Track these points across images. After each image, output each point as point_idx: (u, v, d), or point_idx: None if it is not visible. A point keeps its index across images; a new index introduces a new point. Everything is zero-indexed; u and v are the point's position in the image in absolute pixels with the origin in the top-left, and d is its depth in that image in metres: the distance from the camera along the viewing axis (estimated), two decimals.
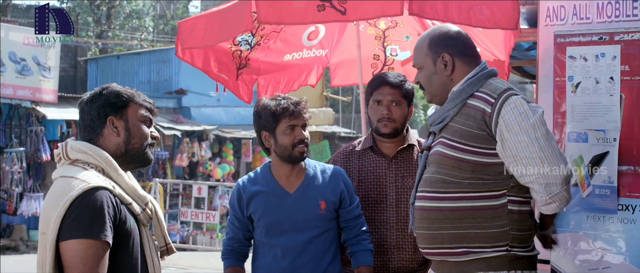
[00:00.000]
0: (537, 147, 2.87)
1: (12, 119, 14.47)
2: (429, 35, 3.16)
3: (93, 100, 2.66)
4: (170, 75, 18.77)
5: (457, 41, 3.10)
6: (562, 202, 2.96)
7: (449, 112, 3.02)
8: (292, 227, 3.55)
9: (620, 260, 3.44)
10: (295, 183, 3.60)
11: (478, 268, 2.96)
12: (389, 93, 3.76)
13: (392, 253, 3.74)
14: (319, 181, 3.61)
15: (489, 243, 2.95)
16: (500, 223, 2.94)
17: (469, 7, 3.97)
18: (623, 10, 3.53)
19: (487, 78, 3.04)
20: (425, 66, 3.13)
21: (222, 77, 4.91)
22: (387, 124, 3.75)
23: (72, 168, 2.57)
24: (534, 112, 2.91)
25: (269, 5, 3.99)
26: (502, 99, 2.92)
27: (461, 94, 3.02)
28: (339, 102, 24.82)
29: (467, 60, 3.08)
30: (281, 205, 3.57)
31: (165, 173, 16.31)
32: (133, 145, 2.67)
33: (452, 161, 2.97)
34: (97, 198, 2.46)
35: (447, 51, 3.08)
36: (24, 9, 25.96)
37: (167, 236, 2.84)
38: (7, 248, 13.59)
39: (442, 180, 2.99)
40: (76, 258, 2.40)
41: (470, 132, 2.95)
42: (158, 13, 30.37)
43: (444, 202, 2.98)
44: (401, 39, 5.19)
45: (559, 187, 2.91)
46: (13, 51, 13.87)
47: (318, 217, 3.57)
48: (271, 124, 3.54)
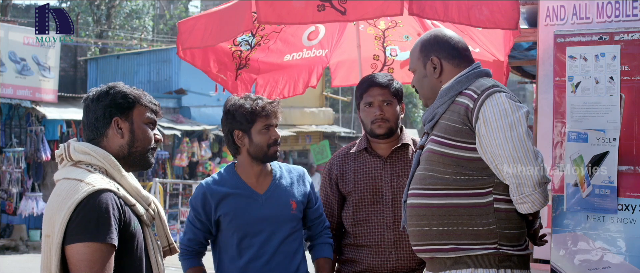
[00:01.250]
0: (510, 146, 2.89)
1: (12, 119, 14.47)
2: (421, 39, 3.23)
3: (99, 98, 2.64)
4: (170, 75, 18.78)
5: (446, 44, 3.15)
6: (535, 204, 2.95)
7: (438, 109, 3.07)
8: (264, 228, 3.54)
9: (620, 260, 3.44)
10: (265, 184, 3.59)
11: (467, 265, 2.97)
12: (379, 93, 3.77)
13: (389, 253, 3.75)
14: (287, 181, 3.64)
15: (476, 240, 2.96)
16: (486, 222, 2.96)
17: (468, 7, 3.97)
18: (623, 10, 3.54)
19: (478, 77, 3.07)
20: (417, 69, 3.20)
21: (221, 77, 4.90)
22: (381, 125, 3.76)
23: (75, 170, 2.55)
24: (515, 111, 2.92)
25: (268, 6, 3.99)
26: (485, 94, 2.95)
27: (450, 91, 3.06)
28: (339, 102, 24.84)
29: (456, 62, 3.12)
30: (252, 206, 3.54)
31: (165, 173, 16.31)
32: (136, 149, 2.65)
33: (438, 156, 3.00)
34: (102, 201, 2.45)
35: (436, 54, 3.13)
36: (24, 9, 25.96)
37: (170, 236, 2.83)
38: (7, 248, 13.59)
39: (430, 176, 3.03)
40: (83, 262, 2.40)
41: (454, 127, 2.98)
42: (158, 13, 30.37)
43: (432, 198, 3.01)
44: (401, 39, 5.19)
45: (530, 188, 2.91)
46: (13, 51, 13.87)
47: (290, 217, 3.58)
48: (246, 124, 3.52)
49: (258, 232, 3.53)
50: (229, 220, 3.53)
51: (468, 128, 2.96)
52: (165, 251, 2.84)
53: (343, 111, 26.75)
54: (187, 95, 18.05)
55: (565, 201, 3.57)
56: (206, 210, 3.54)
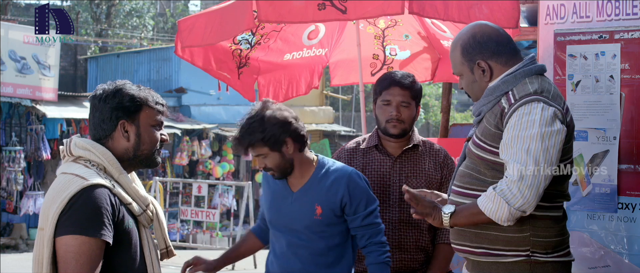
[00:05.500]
0: (522, 158, 2.71)
1: (12, 118, 14.45)
2: (459, 42, 2.99)
3: (106, 99, 2.62)
4: (170, 74, 18.76)
5: (490, 43, 2.94)
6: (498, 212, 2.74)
7: (483, 108, 2.93)
8: (288, 227, 3.52)
9: (620, 258, 3.44)
10: (301, 183, 3.52)
11: (498, 271, 2.88)
12: (399, 94, 3.68)
13: (393, 253, 3.70)
14: (323, 184, 3.48)
15: (507, 247, 2.85)
16: (520, 228, 2.82)
17: (469, 6, 3.98)
18: (623, 8, 3.54)
19: (526, 76, 2.88)
20: (464, 74, 3.00)
21: (224, 75, 4.90)
22: (396, 125, 3.69)
23: (73, 166, 2.57)
24: (544, 125, 2.72)
25: (269, 4, 3.99)
26: (522, 101, 2.79)
27: (495, 91, 2.90)
28: (339, 101, 24.82)
29: (504, 59, 2.92)
30: (283, 204, 3.53)
31: (166, 172, 16.32)
32: (142, 152, 2.65)
33: (475, 158, 2.92)
34: (95, 196, 2.45)
35: (481, 57, 2.93)
36: (24, 8, 25.95)
37: (168, 239, 2.81)
38: (7, 246, 13.59)
39: (469, 175, 2.94)
40: (69, 254, 2.40)
41: (490, 130, 2.87)
42: (158, 11, 30.36)
43: (469, 198, 2.92)
44: (400, 38, 5.18)
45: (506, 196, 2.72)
46: (13, 50, 13.85)
47: (314, 222, 3.46)
48: None
49: (284, 229, 3.53)
50: (264, 211, 3.64)
51: (501, 133, 2.82)
52: (163, 253, 2.82)
53: (343, 110, 26.74)
54: (187, 93, 18.03)
55: None
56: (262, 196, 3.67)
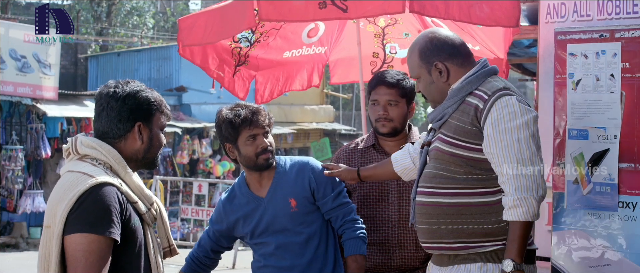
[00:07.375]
0: (516, 148, 2.88)
1: (12, 116, 14.45)
2: (417, 46, 3.12)
3: (126, 100, 2.63)
4: (170, 73, 18.77)
5: (446, 46, 3.08)
6: (529, 210, 2.87)
7: (448, 109, 3.04)
8: (268, 229, 3.56)
9: (620, 257, 3.44)
10: (266, 187, 3.58)
11: (476, 260, 2.98)
12: (385, 93, 3.71)
13: (394, 251, 3.73)
14: (288, 179, 3.57)
15: (486, 238, 2.97)
16: (496, 220, 2.96)
17: (469, 5, 3.98)
18: (623, 7, 3.54)
19: (487, 76, 3.04)
20: (421, 76, 3.13)
21: (218, 74, 4.91)
22: (384, 124, 3.73)
23: (80, 164, 2.56)
24: (524, 114, 2.90)
25: (270, 3, 3.99)
26: (495, 96, 2.93)
27: (460, 92, 3.03)
28: (339, 99, 24.83)
29: (460, 61, 3.07)
30: (256, 213, 3.58)
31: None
32: (151, 154, 2.68)
33: (448, 156, 3.00)
34: (104, 194, 2.46)
35: (438, 59, 3.06)
36: (24, 6, 25.93)
37: (171, 237, 2.83)
38: (7, 245, 13.59)
39: (440, 175, 3.02)
40: (78, 252, 2.40)
41: (463, 128, 2.97)
42: (158, 10, 30.36)
43: (442, 197, 3.01)
44: (400, 37, 5.19)
45: (529, 191, 2.87)
46: (13, 48, 13.85)
47: (292, 215, 3.53)
48: (232, 136, 3.49)
49: (268, 236, 3.56)
50: (240, 227, 3.62)
51: (477, 129, 2.95)
52: (166, 252, 2.83)
53: (343, 108, 26.74)
54: (188, 92, 18.03)
55: (566, 198, 3.58)
56: (219, 223, 3.68)
